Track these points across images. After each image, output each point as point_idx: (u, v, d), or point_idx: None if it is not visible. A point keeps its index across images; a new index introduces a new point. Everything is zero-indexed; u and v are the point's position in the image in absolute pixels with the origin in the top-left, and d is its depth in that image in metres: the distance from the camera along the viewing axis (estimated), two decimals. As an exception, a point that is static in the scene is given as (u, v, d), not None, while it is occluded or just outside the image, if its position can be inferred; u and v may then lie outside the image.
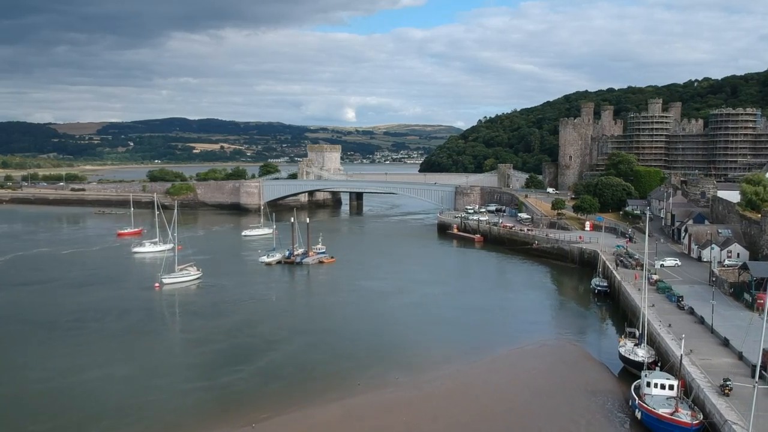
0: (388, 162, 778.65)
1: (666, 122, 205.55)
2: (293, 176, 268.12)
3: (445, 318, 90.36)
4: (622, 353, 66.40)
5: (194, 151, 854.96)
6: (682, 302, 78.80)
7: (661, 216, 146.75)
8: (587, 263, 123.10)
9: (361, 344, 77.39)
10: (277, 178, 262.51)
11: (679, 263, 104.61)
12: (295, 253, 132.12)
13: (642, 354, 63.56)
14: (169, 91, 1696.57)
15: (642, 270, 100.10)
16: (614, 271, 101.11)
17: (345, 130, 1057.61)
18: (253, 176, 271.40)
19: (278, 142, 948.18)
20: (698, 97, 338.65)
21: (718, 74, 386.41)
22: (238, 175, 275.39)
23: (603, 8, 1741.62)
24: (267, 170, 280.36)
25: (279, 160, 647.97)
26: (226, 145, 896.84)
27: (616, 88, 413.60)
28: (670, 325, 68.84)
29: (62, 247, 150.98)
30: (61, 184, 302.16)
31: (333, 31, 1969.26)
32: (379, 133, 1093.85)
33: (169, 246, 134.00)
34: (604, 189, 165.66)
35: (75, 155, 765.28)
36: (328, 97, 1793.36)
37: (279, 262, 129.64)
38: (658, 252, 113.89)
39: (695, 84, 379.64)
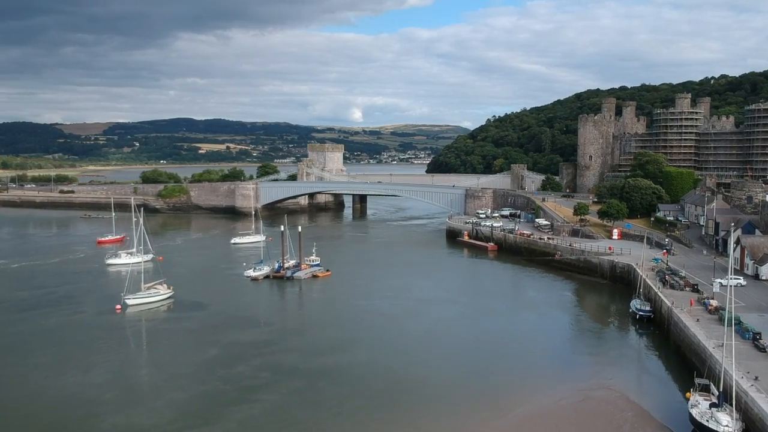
0: (395, 162, 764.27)
1: (696, 119, 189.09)
2: (293, 177, 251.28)
3: (459, 352, 74.76)
4: (695, 416, 50.13)
5: (200, 151, 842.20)
6: (761, 340, 61.70)
7: (700, 223, 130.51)
8: (620, 279, 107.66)
9: (359, 392, 62.06)
10: (276, 180, 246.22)
11: (744, 282, 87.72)
12: (286, 266, 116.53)
13: (727, 422, 47.39)
14: (176, 92, 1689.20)
15: (694, 293, 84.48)
16: (659, 293, 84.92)
17: (352, 131, 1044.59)
18: (251, 177, 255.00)
19: (285, 142, 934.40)
20: (716, 94, 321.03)
21: (727, 73, 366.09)
22: (234, 176, 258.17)
23: (610, 8, 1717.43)
24: (266, 171, 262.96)
25: (285, 161, 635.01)
26: (232, 146, 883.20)
27: (629, 86, 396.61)
28: (757, 378, 52.30)
29: (21, 259, 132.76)
30: (48, 185, 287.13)
31: (340, 31, 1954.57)
32: (386, 133, 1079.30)
33: (149, 257, 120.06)
34: (632, 192, 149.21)
35: (80, 155, 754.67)
36: (334, 98, 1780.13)
37: (267, 277, 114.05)
38: (706, 268, 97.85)
39: (711, 81, 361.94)
